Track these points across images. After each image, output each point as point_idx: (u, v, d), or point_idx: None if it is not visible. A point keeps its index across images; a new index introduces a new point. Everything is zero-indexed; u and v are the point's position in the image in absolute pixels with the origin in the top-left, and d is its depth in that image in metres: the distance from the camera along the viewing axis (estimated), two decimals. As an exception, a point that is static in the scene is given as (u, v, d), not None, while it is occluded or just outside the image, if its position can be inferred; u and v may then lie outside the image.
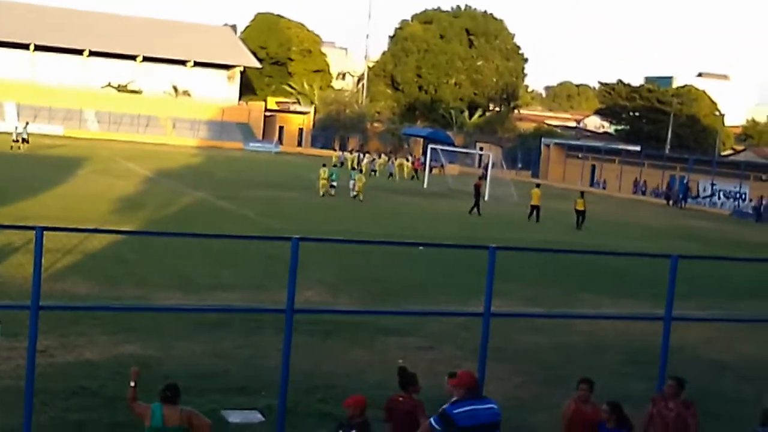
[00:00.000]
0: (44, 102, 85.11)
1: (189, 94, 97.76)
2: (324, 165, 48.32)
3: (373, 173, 66.92)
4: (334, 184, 46.63)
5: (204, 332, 15.58)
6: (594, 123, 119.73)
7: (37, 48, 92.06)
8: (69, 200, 33.47)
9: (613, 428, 8.86)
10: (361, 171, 51.05)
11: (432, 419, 8.35)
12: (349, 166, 63.39)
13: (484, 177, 52.93)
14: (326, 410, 11.92)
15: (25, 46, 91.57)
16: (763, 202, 58.48)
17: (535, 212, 42.29)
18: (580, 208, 41.06)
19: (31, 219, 24.98)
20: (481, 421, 8.26)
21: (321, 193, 45.40)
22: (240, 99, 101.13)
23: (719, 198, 66.45)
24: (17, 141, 59.56)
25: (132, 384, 8.42)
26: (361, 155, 73.75)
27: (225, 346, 14.99)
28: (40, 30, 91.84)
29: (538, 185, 46.32)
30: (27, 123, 67.66)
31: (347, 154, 74.63)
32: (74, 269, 19.78)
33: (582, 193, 43.63)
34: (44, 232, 8.49)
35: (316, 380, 13.21)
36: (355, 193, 45.33)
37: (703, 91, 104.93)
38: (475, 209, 42.91)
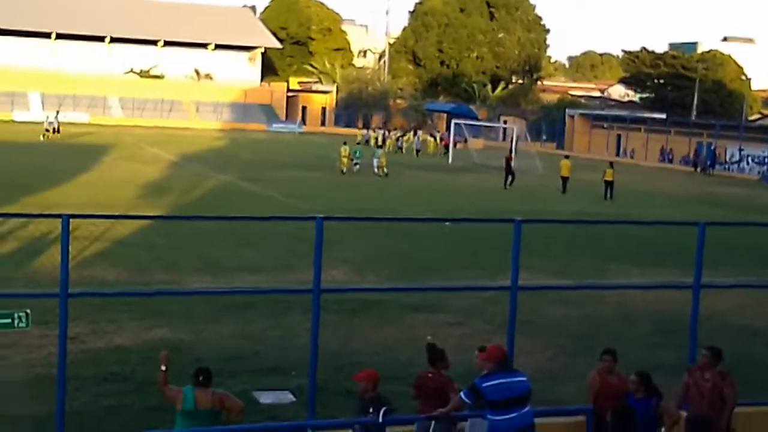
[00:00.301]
0: (68, 90, 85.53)
1: (211, 77, 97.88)
2: (345, 143, 48.41)
3: (399, 150, 66.80)
4: (359, 161, 46.79)
5: (232, 315, 15.67)
6: (618, 92, 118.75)
7: (59, 36, 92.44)
8: (95, 187, 33.68)
9: (642, 398, 8.83)
10: (381, 147, 51.15)
11: (462, 393, 8.41)
12: (373, 144, 63.33)
13: (513, 150, 53.01)
14: (355, 388, 11.83)
15: (47, 35, 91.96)
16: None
17: (564, 184, 42.24)
18: (609, 178, 40.90)
19: (57, 207, 25.16)
20: (510, 394, 8.29)
21: (342, 170, 45.63)
22: (262, 80, 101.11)
23: (747, 163, 65.75)
24: (48, 131, 60.10)
25: (163, 368, 8.48)
26: (386, 132, 73.56)
27: (254, 327, 15.07)
28: (61, 18, 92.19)
29: (567, 156, 46.23)
30: (57, 112, 68.03)
31: (371, 132, 74.57)
32: (102, 256, 19.94)
33: (611, 164, 43.53)
34: (71, 220, 8.53)
35: (344, 359, 13.25)
36: (377, 170, 45.46)
37: (729, 56, 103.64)
38: (510, 182, 43.04)
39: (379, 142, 66.45)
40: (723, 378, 9.18)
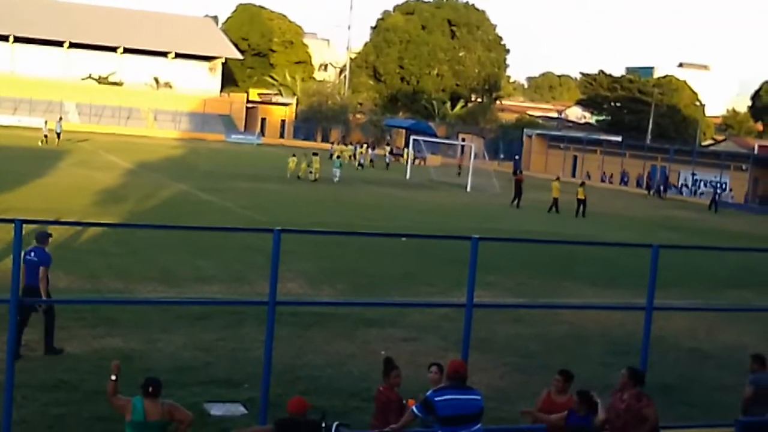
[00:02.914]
0: (24, 94, 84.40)
1: (170, 86, 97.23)
2: (293, 155, 52.11)
3: (360, 166, 66.87)
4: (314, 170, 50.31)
5: (186, 325, 15.54)
6: (575, 113, 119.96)
7: (17, 39, 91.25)
8: (50, 193, 33.26)
9: (583, 416, 8.84)
10: (337, 157, 55.40)
11: (414, 407, 8.40)
12: (335, 157, 63.22)
13: (520, 171, 54.55)
14: (309, 401, 11.89)
15: (5, 38, 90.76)
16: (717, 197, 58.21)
17: (554, 204, 43.07)
18: (581, 197, 42.06)
19: (11, 212, 24.80)
20: (461, 411, 8.30)
21: (293, 175, 49.79)
22: (222, 91, 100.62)
23: (700, 188, 66.76)
24: (47, 136, 61.67)
25: (113, 378, 8.37)
26: (358, 147, 73.52)
27: (207, 338, 14.95)
28: (20, 21, 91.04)
29: (557, 178, 47.32)
30: (60, 119, 69.32)
31: (340, 147, 74.45)
32: (54, 262, 19.59)
33: (583, 183, 45.01)
34: (24, 225, 8.41)
35: (298, 372, 13.20)
36: (337, 179, 49.62)
37: (684, 82, 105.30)
38: (517, 202, 44.50)
39: (352, 157, 69.02)
40: (639, 399, 8.92)
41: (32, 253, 13.49)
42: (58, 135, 63.06)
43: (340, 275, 21.56)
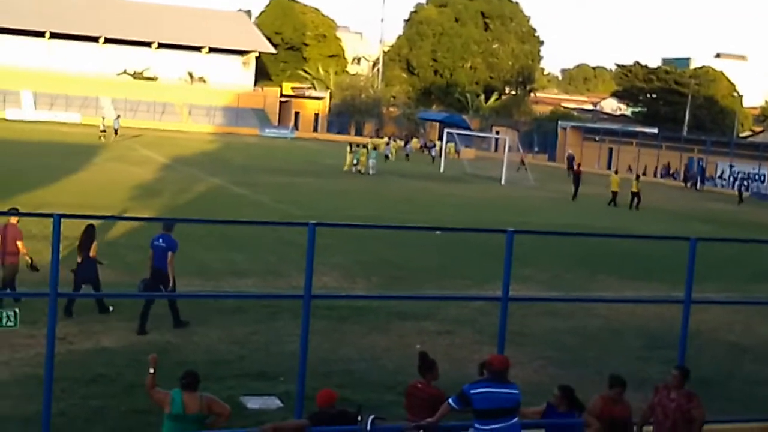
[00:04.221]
0: (60, 90, 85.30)
1: (204, 81, 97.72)
2: (350, 148, 53.54)
3: (386, 158, 66.84)
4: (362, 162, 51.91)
5: (222, 318, 15.64)
6: (611, 105, 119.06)
7: (53, 36, 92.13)
8: (87, 188, 33.58)
9: (564, 412, 8.71)
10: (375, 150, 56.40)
11: (451, 399, 8.41)
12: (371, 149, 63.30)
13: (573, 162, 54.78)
14: (344, 395, 11.90)
15: (41, 34, 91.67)
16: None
17: (613, 197, 43.33)
18: (635, 189, 42.62)
19: (49, 206, 25.10)
20: (498, 405, 8.28)
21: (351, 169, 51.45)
22: (255, 85, 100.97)
23: (739, 180, 65.97)
24: (104, 131, 62.71)
25: (151, 371, 8.46)
26: (391, 140, 74.12)
27: (242, 332, 15.04)
28: (56, 18, 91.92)
29: (616, 172, 47.66)
30: (119, 116, 71.41)
31: (374, 140, 74.60)
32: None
33: (638, 176, 46.08)
34: (62, 220, 8.50)
35: (333, 365, 13.23)
36: (373, 170, 51.34)
37: (721, 72, 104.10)
38: (575, 194, 45.20)
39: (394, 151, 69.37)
40: (689, 399, 8.96)
41: (160, 239, 15.07)
42: (116, 131, 64.73)
43: (375, 268, 21.59)
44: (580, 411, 8.79)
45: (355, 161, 52.11)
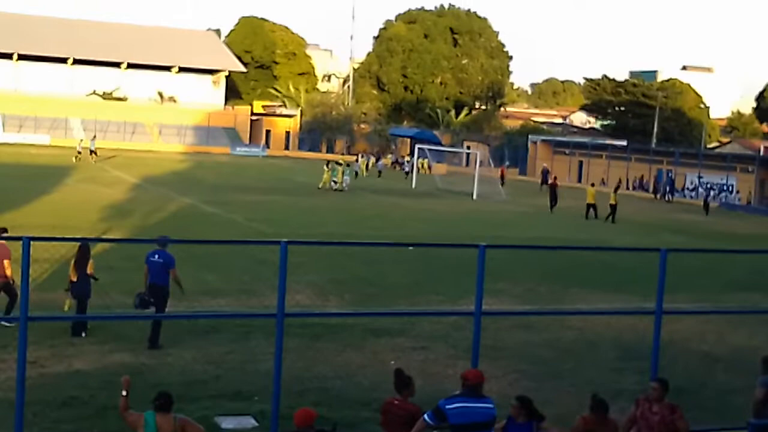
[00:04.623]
0: (30, 112, 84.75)
1: (174, 100, 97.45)
2: (327, 165, 53.38)
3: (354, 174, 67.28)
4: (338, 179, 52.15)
5: (195, 338, 15.54)
6: (580, 119, 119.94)
7: (21, 57, 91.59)
8: (57, 209, 33.32)
9: (523, 423, 8.72)
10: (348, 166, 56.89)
11: (426, 414, 8.40)
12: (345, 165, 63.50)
13: (554, 177, 55.73)
14: (320, 413, 11.83)
15: (9, 56, 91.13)
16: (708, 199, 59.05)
17: (591, 210, 43.67)
18: (612, 202, 42.97)
19: (18, 229, 24.82)
20: (473, 419, 8.29)
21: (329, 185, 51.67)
22: (226, 103, 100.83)
23: (705, 190, 66.67)
24: (80, 152, 63.72)
25: (123, 393, 8.39)
26: (370, 157, 75.78)
27: (216, 351, 14.95)
28: (24, 39, 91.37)
29: (592, 184, 48.17)
30: (94, 136, 72.00)
31: (348, 157, 75.00)
32: (63, 279, 19.64)
33: (616, 189, 47.09)
34: (32, 242, 8.43)
35: (308, 383, 13.18)
36: (346, 187, 51.83)
37: (688, 85, 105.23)
38: (552, 206, 46.13)
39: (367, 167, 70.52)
40: (672, 411, 9.04)
41: (156, 255, 15.37)
42: (92, 152, 64.73)
43: (348, 285, 21.55)
44: (539, 421, 8.79)
45: (333, 178, 52.38)
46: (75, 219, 30.49)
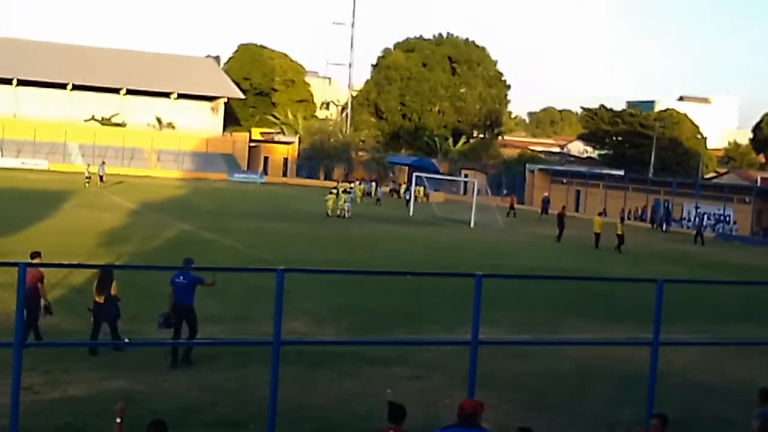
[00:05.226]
0: (28, 136, 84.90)
1: (173, 126, 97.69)
2: (331, 192, 54.79)
3: (377, 202, 69.19)
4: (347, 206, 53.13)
5: (190, 366, 15.49)
6: (577, 148, 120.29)
7: (20, 82, 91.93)
8: (54, 235, 33.29)
9: None
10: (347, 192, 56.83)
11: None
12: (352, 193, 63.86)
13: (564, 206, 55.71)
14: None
15: (8, 81, 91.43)
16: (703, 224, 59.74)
17: (596, 239, 43.98)
18: (619, 232, 43.25)
19: (14, 255, 24.80)
20: (468, 450, 8.25)
21: (331, 213, 52.39)
22: (224, 130, 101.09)
23: (699, 220, 66.71)
24: (89, 178, 64.38)
25: (118, 420, 8.36)
26: (368, 184, 77.46)
27: (212, 379, 14.91)
28: (23, 64, 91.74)
29: (600, 214, 48.28)
30: (103, 162, 73.25)
31: (344, 184, 75.30)
32: (59, 304, 19.59)
33: (622, 219, 47.13)
34: (27, 268, 8.43)
35: (304, 411, 13.13)
36: (349, 213, 52.46)
37: (685, 115, 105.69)
38: (559, 236, 46.09)
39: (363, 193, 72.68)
40: None
41: (181, 277, 16.15)
42: (101, 178, 65.62)
43: (345, 313, 21.53)
44: None
45: (347, 202, 53.40)
46: (72, 245, 30.45)
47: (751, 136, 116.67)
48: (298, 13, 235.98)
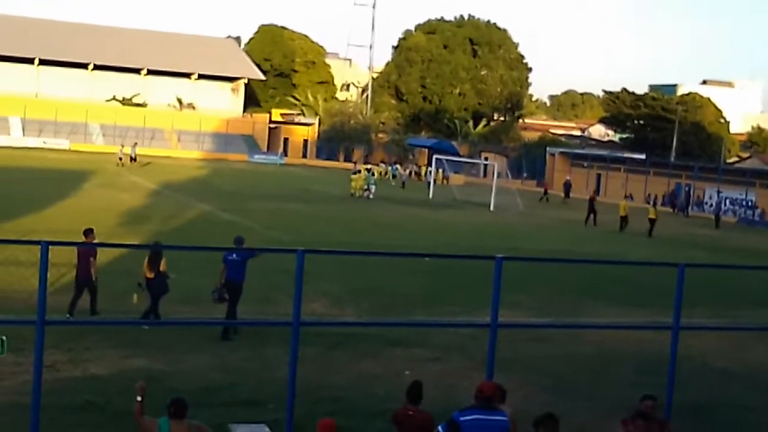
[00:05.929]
0: (49, 116, 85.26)
1: (193, 107, 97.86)
2: (356, 172, 56.59)
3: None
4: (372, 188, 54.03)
5: (211, 345, 15.57)
6: (599, 131, 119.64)
7: (42, 62, 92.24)
8: (75, 214, 33.45)
9: None
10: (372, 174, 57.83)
11: (440, 426, 8.42)
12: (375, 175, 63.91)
13: (596, 191, 55.65)
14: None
15: (30, 61, 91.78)
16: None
17: (621, 223, 44.17)
18: (652, 216, 43.46)
19: (36, 233, 25.00)
20: (486, 431, 8.27)
21: (356, 194, 53.62)
22: (244, 111, 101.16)
23: (725, 205, 66.20)
24: (122, 158, 65.67)
25: (139, 398, 8.40)
26: (393, 167, 77.87)
27: (232, 359, 14.97)
28: (45, 44, 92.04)
29: (626, 197, 48.28)
30: (135, 143, 74.10)
31: (375, 167, 75.34)
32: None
33: (654, 204, 47.41)
34: (50, 247, 8.46)
35: (323, 392, 13.16)
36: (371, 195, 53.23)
37: (708, 99, 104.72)
38: (592, 220, 45.73)
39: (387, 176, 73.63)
40: (662, 427, 9.27)
41: (234, 255, 17.11)
42: (132, 159, 67.11)
43: (365, 295, 21.55)
44: None
45: (365, 186, 54.05)
46: (93, 224, 30.42)
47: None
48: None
